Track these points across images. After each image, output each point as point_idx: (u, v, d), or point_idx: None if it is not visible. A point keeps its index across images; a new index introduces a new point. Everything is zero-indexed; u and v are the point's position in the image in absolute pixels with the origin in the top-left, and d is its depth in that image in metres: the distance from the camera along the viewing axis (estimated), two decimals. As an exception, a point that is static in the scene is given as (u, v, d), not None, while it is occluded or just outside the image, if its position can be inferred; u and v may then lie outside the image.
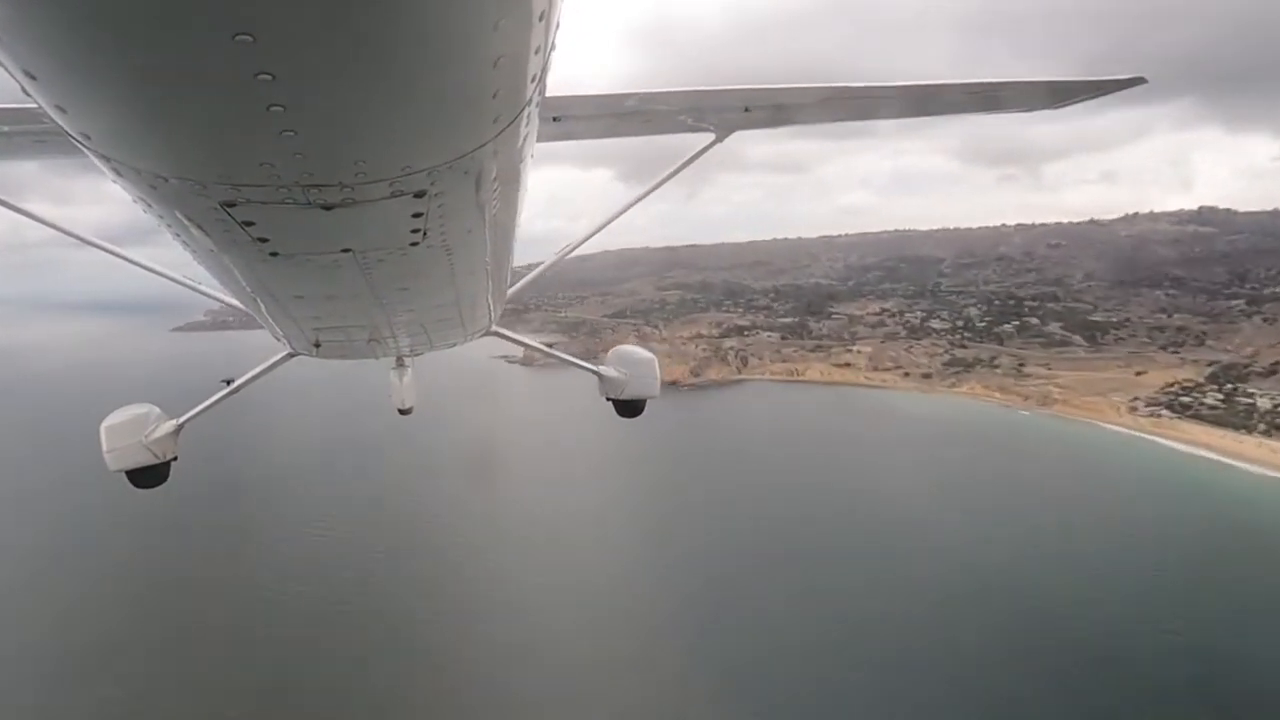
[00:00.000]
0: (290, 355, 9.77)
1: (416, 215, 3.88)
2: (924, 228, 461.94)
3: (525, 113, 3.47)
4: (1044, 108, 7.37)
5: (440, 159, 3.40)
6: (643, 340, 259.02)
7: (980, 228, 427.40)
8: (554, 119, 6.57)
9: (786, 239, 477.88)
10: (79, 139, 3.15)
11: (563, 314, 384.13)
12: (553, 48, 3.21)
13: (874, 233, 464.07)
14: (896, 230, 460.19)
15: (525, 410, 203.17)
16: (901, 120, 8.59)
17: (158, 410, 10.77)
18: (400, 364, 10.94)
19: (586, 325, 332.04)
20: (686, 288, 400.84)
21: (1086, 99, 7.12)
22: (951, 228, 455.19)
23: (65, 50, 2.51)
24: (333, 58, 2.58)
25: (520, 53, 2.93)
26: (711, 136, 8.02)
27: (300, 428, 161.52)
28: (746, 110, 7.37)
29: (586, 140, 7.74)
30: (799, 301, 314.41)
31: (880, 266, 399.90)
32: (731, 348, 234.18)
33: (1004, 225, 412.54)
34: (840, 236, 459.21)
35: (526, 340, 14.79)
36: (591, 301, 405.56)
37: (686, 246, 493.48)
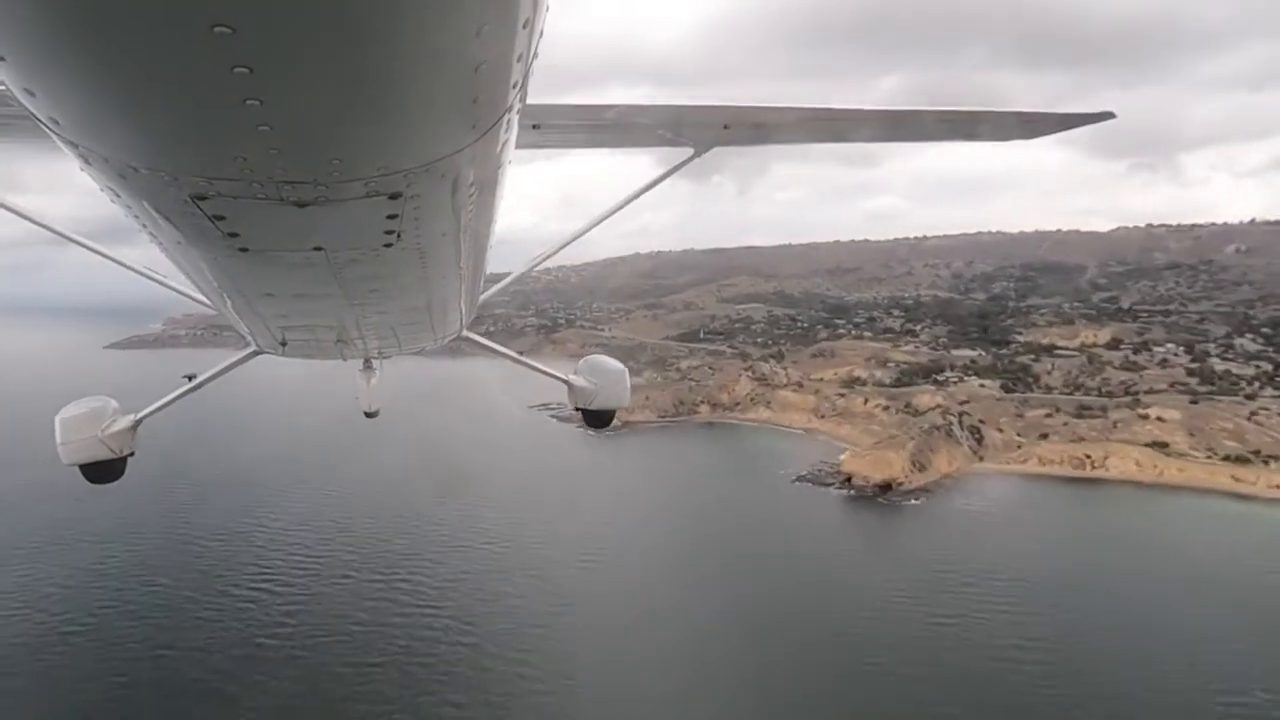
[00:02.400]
0: (255, 353, 9.10)
1: (391, 217, 3.74)
2: (1020, 229, 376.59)
3: (505, 119, 3.38)
4: (1017, 138, 7.53)
5: (418, 161, 3.31)
6: (765, 381, 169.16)
7: (1117, 229, 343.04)
8: (533, 126, 6.28)
9: (855, 241, 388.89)
10: (47, 124, 3.01)
11: (606, 332, 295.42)
12: (535, 56, 3.13)
13: (969, 234, 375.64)
14: (999, 232, 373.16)
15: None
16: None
17: (115, 404, 10.12)
18: (368, 366, 10.05)
19: (649, 351, 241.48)
20: (761, 299, 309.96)
21: (1057, 131, 7.20)
22: (1064, 229, 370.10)
23: (36, 31, 2.40)
24: (313, 55, 2.52)
25: (502, 60, 2.88)
26: (690, 151, 7.65)
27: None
28: (726, 127, 7.20)
29: (567, 149, 7.59)
30: (942, 321, 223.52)
31: (1003, 275, 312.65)
32: (940, 409, 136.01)
33: (1150, 226, 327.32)
34: (927, 239, 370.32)
35: (497, 347, 12.67)
36: (640, 317, 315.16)
37: (743, 249, 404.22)
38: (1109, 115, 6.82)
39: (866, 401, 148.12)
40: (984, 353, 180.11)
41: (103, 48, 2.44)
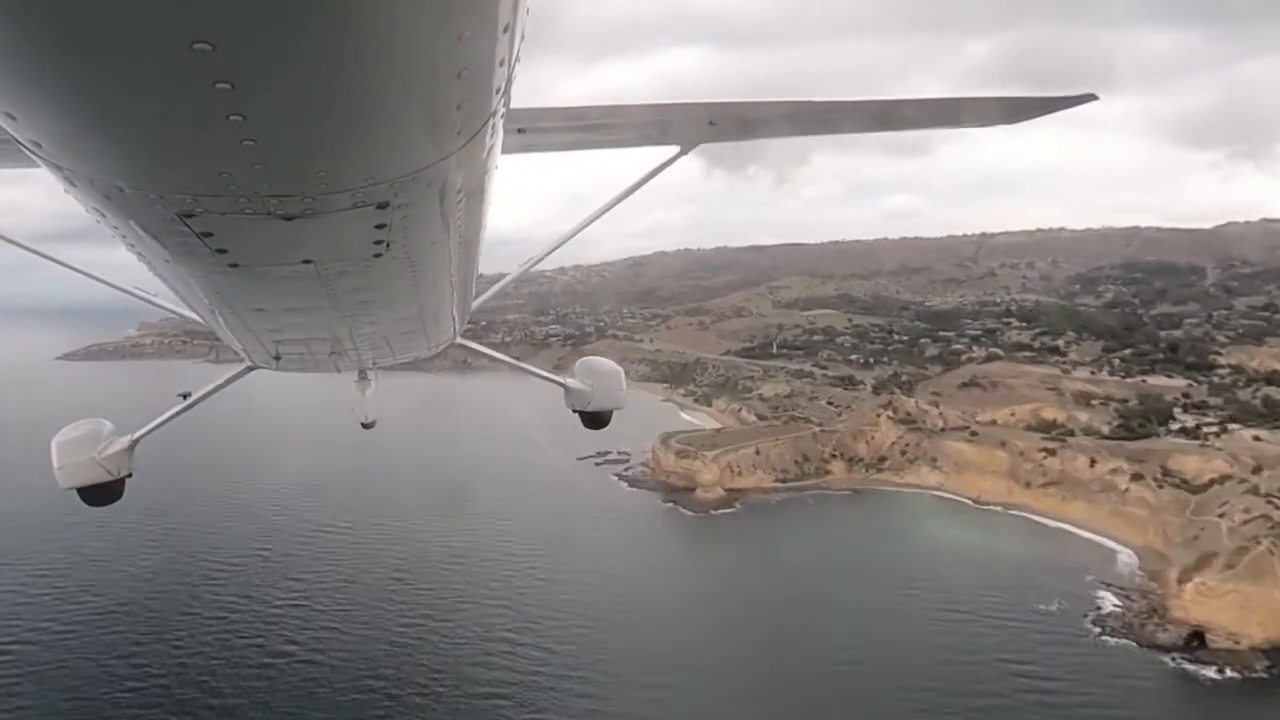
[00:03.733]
0: (250, 368, 8.90)
1: (380, 226, 3.68)
2: (1080, 226, 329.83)
3: (490, 125, 3.34)
4: (999, 123, 7.36)
5: (404, 170, 3.25)
6: (916, 425, 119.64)
7: (1226, 225, 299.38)
8: (519, 131, 6.27)
9: (906, 238, 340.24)
10: (29, 147, 2.99)
11: (647, 344, 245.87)
12: (517, 59, 3.08)
13: (1030, 230, 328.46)
14: (1061, 229, 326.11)
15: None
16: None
17: (110, 425, 9.86)
18: (363, 377, 9.54)
19: (710, 370, 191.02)
20: (825, 303, 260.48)
21: (1040, 115, 7.10)
22: (1144, 226, 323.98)
23: (15, 56, 2.38)
24: (294, 67, 2.49)
25: (485, 65, 2.84)
26: (676, 149, 7.52)
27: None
28: (711, 124, 7.18)
29: (553, 152, 7.39)
30: (1088, 335, 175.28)
31: (1104, 276, 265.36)
32: (1233, 480, 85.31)
33: (1268, 221, 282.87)
34: (993, 236, 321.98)
35: (492, 352, 12.76)
36: (683, 325, 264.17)
37: (785, 246, 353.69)
38: (1092, 97, 6.63)
39: (1094, 463, 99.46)
40: (1193, 382, 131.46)
41: (82, 70, 2.41)
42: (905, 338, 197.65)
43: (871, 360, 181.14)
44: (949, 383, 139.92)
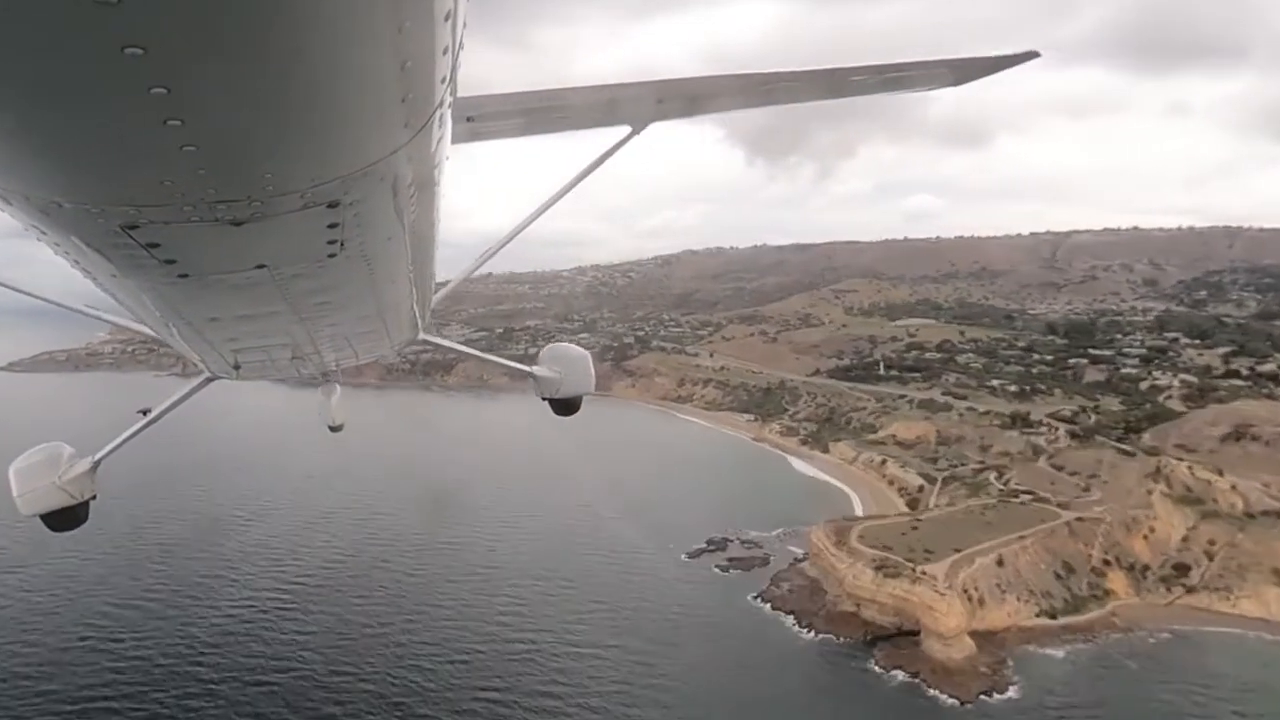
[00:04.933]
0: (209, 379, 8.62)
1: (332, 226, 3.53)
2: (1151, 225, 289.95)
3: (437, 115, 3.20)
4: (946, 85, 7.35)
5: (353, 167, 3.13)
6: (1213, 510, 75.96)
7: None
8: (467, 119, 6.10)
9: (979, 237, 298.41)
10: None
11: (704, 358, 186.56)
12: (460, 47, 2.99)
13: (1126, 230, 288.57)
14: (1134, 228, 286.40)
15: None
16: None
17: (70, 448, 9.28)
18: (327, 380, 9.13)
19: (805, 397, 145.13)
20: (914, 310, 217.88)
21: (985, 75, 7.01)
22: (1236, 226, 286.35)
23: None
24: (230, 68, 2.36)
25: (428, 55, 2.75)
26: (628, 129, 7.40)
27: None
28: (660, 102, 7.11)
29: (504, 139, 7.17)
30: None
31: (1233, 283, 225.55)
32: None
33: None
34: (1074, 235, 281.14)
35: (458, 345, 12.16)
36: (741, 334, 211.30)
37: (840, 245, 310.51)
38: (1034, 55, 6.41)
39: None
40: None
41: (11, 84, 2.29)
42: (1046, 356, 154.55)
43: (1025, 387, 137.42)
44: (1198, 431, 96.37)
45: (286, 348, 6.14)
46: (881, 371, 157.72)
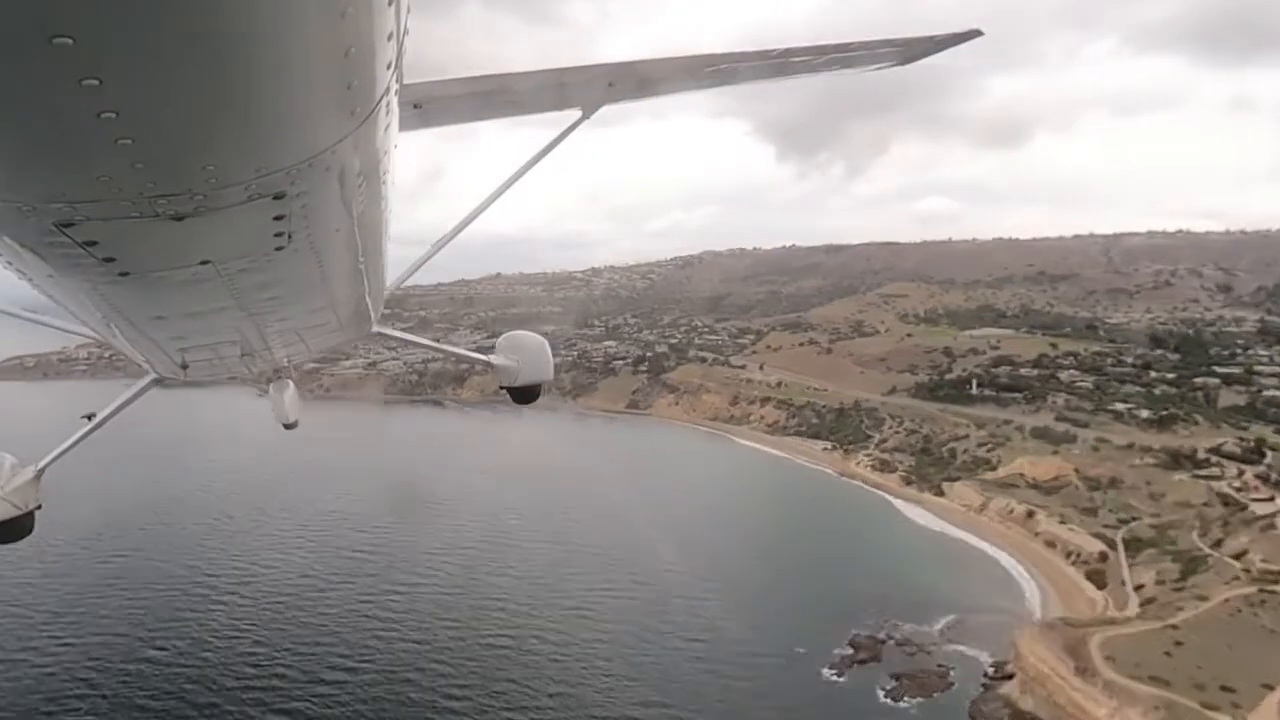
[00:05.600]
0: (156, 381, 8.43)
1: (278, 218, 3.42)
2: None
3: (384, 102, 3.10)
4: (892, 65, 7.35)
5: (298, 157, 3.01)
6: None
7: None
8: (415, 106, 5.91)
9: (1020, 239, 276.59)
10: None
11: (754, 370, 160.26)
12: (406, 32, 2.91)
13: (1185, 233, 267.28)
14: (1182, 231, 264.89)
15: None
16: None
17: (11, 458, 8.95)
18: (279, 376, 8.75)
19: (889, 422, 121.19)
20: (981, 317, 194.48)
21: (933, 54, 7.07)
22: None
23: None
24: (165, 57, 2.24)
25: (372, 40, 2.65)
26: (579, 113, 7.24)
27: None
28: (610, 85, 6.98)
29: (453, 125, 7.07)
30: None
31: None
32: None
33: None
34: (1126, 237, 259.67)
35: (412, 337, 11.77)
36: (787, 344, 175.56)
37: (878, 246, 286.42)
38: (977, 33, 6.49)
39: None
40: None
41: None
42: (1167, 374, 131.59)
43: (1161, 412, 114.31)
44: None
45: (235, 345, 5.90)
46: (973, 391, 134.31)
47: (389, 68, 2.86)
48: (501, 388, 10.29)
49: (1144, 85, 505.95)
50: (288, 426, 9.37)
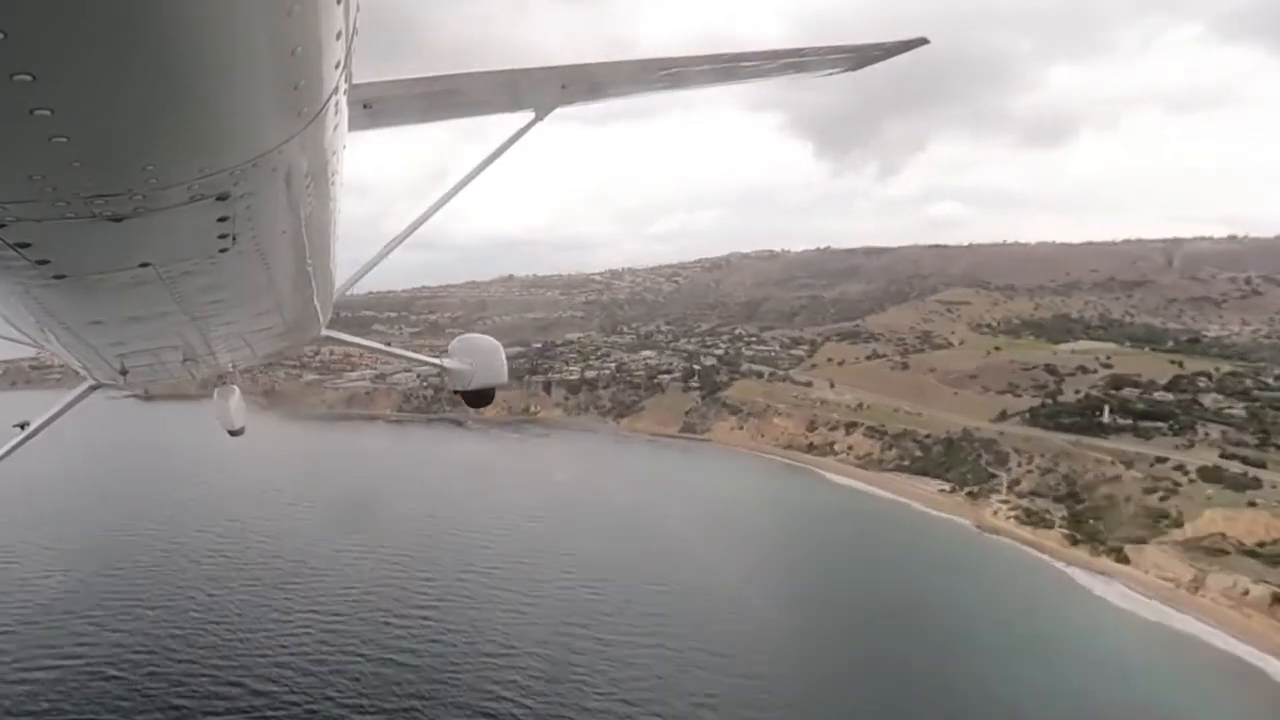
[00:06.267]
0: (94, 387, 8.02)
1: (222, 220, 3.31)
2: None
3: (332, 102, 3.03)
4: (843, 70, 7.29)
5: (243, 157, 2.91)
6: None
7: None
8: (365, 106, 5.87)
9: (1070, 244, 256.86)
10: None
11: (822, 389, 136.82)
12: (355, 32, 2.85)
13: (1251, 238, 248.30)
14: (1241, 236, 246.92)
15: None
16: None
17: None
18: (224, 381, 8.40)
19: (1024, 465, 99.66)
20: (1068, 329, 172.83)
21: (882, 60, 6.96)
22: None
23: None
24: (104, 51, 2.14)
25: (320, 39, 2.59)
26: (532, 115, 7.21)
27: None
28: (564, 87, 6.91)
29: (403, 126, 7.06)
30: None
31: None
32: None
33: None
34: (1187, 241, 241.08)
35: (361, 340, 11.22)
36: (849, 356, 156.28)
37: (924, 248, 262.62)
38: (923, 41, 6.57)
39: None
40: None
41: None
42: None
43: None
44: None
45: (177, 350, 5.80)
46: (1105, 419, 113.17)
47: (337, 67, 2.80)
48: (455, 392, 9.86)
49: (1207, 80, 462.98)
50: (233, 433, 8.90)
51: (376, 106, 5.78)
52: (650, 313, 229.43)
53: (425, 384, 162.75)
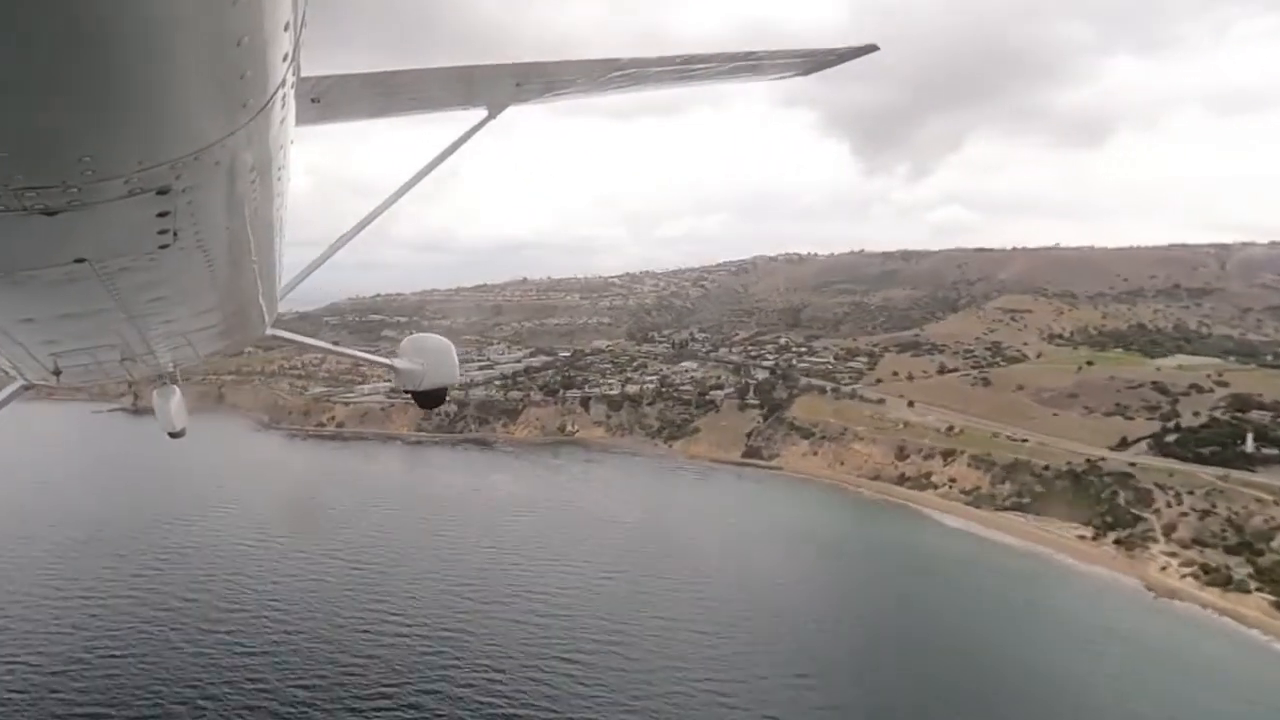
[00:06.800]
0: (25, 387, 7.70)
1: (163, 215, 3.18)
2: None
3: (279, 95, 2.93)
4: (796, 75, 7.30)
5: (184, 150, 2.80)
6: None
7: None
8: (313, 101, 5.71)
9: (1110, 249, 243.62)
10: None
11: (914, 415, 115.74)
12: (304, 24, 2.79)
13: None
14: None
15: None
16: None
17: None
18: (163, 381, 8.15)
19: (1172, 506, 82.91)
20: (1161, 342, 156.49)
21: (834, 65, 7.01)
22: None
23: None
24: (36, 37, 2.03)
25: (267, 30, 2.49)
26: (484, 113, 7.14)
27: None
28: (518, 85, 6.87)
29: (353, 121, 6.94)
30: None
31: None
32: None
33: None
34: (1236, 246, 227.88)
35: (308, 340, 11.07)
36: (916, 368, 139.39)
37: (968, 252, 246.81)
38: (873, 48, 6.56)
39: None
40: None
41: None
42: None
43: None
44: None
45: (115, 349, 5.61)
46: (1248, 448, 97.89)
47: (285, 60, 2.72)
48: (405, 392, 9.66)
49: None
50: (173, 435, 8.73)
51: (325, 101, 5.51)
52: (679, 319, 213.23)
53: (451, 399, 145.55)
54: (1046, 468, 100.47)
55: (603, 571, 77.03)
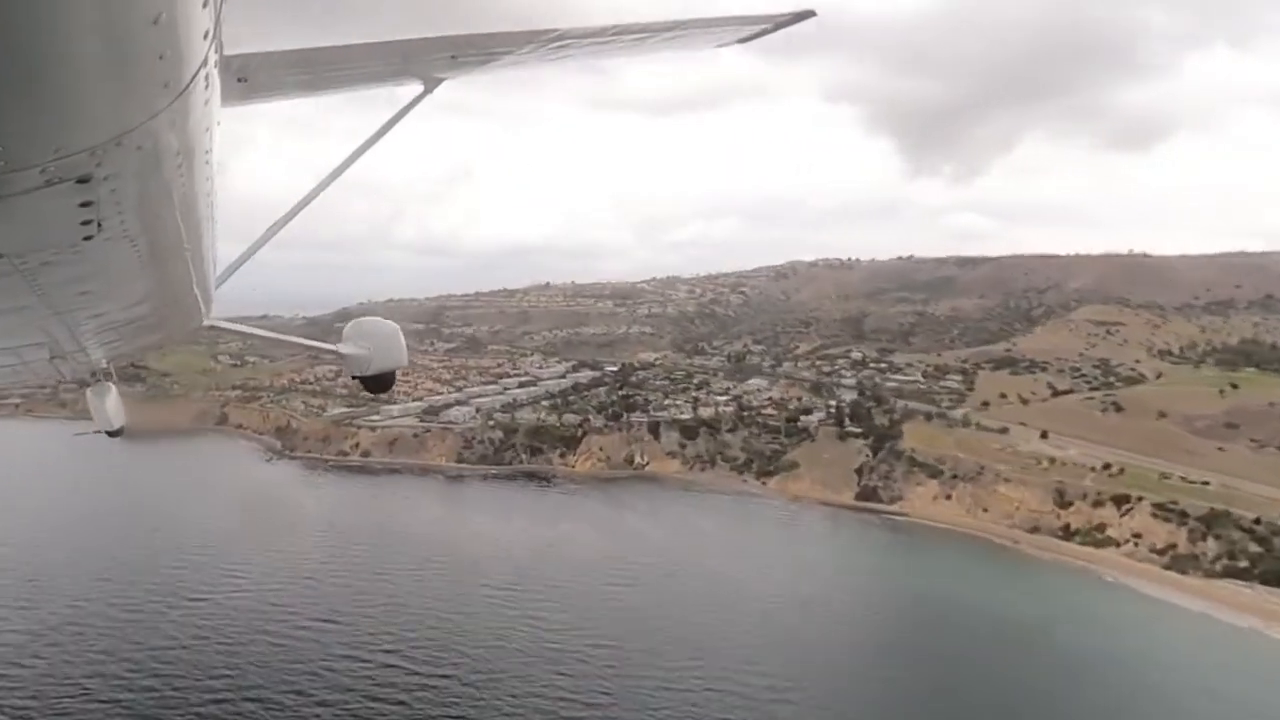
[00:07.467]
0: None
1: (85, 204, 3.06)
2: None
3: (202, 74, 2.82)
4: (730, 43, 7.29)
5: (103, 136, 2.70)
6: None
7: None
8: (239, 80, 5.28)
9: (1167, 255, 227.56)
10: None
11: (1050, 447, 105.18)
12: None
13: None
14: None
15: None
16: None
17: None
18: (97, 379, 8.01)
19: None
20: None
21: (768, 34, 6.95)
22: None
23: None
24: None
25: (183, 6, 2.40)
26: (420, 87, 7.00)
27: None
28: (454, 58, 6.72)
29: (282, 100, 6.70)
30: None
31: None
32: None
33: None
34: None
35: (248, 329, 10.99)
36: (1024, 389, 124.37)
37: (1032, 258, 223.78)
38: (810, 14, 6.49)
39: None
40: None
41: None
42: None
43: None
44: None
45: (43, 347, 5.43)
46: None
47: (206, 37, 2.61)
48: (354, 377, 9.54)
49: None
50: (112, 434, 8.54)
51: (253, 79, 5.30)
52: (724, 328, 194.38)
53: (491, 423, 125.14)
54: (1258, 521, 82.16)
55: (776, 691, 57.42)
